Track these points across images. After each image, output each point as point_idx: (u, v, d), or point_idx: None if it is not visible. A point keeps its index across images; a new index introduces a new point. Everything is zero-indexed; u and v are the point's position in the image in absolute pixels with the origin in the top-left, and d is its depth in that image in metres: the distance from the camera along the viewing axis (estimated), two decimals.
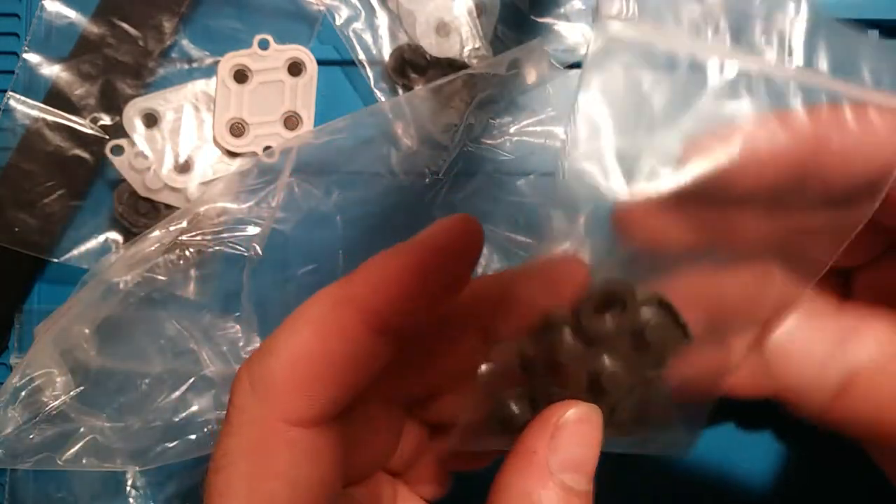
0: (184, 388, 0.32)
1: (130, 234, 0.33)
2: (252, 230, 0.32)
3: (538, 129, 0.33)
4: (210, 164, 0.32)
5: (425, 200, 0.33)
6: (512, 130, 0.33)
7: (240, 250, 0.32)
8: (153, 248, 0.31)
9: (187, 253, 0.31)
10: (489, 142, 0.33)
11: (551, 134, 0.33)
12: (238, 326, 0.32)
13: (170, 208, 0.32)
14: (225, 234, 0.31)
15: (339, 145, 0.32)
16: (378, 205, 0.33)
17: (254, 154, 0.33)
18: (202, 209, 0.31)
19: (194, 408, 0.32)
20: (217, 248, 0.31)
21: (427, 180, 0.33)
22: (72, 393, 0.31)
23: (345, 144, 0.32)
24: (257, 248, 0.32)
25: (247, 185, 0.32)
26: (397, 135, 0.32)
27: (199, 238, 0.31)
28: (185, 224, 0.31)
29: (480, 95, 0.32)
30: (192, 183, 0.32)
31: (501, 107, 0.33)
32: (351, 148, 0.32)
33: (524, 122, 0.33)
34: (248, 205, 0.32)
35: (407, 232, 0.34)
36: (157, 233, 0.31)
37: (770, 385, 0.20)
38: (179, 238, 0.31)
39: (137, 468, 0.32)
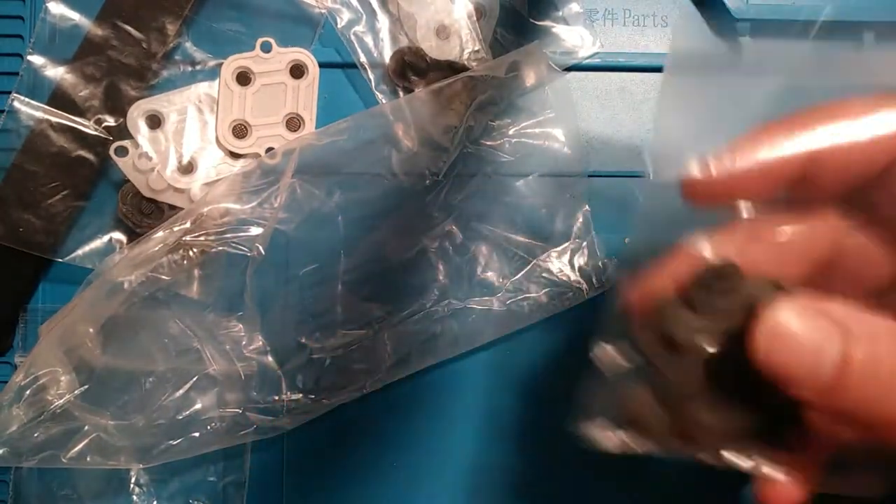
0: (187, 386, 0.32)
1: (134, 235, 0.33)
2: (255, 230, 0.32)
3: (537, 130, 0.34)
4: (213, 165, 0.33)
5: (426, 201, 0.33)
6: (511, 132, 0.34)
7: (243, 250, 0.32)
8: (157, 249, 0.31)
9: (191, 253, 0.31)
10: (489, 143, 0.33)
11: (550, 135, 0.34)
12: (241, 325, 0.32)
13: (173, 209, 0.32)
14: (228, 235, 0.32)
15: (341, 147, 0.32)
16: (379, 205, 0.33)
17: (256, 155, 0.33)
18: (205, 210, 0.31)
19: (197, 406, 0.32)
20: (220, 248, 0.32)
21: (427, 181, 0.33)
22: (76, 392, 0.31)
23: (346, 146, 0.32)
24: (260, 248, 0.32)
25: (250, 185, 0.32)
26: (398, 136, 0.33)
27: (202, 238, 0.31)
28: (188, 224, 0.31)
29: (480, 97, 0.33)
30: (195, 184, 0.32)
31: (501, 109, 0.33)
32: (352, 149, 0.33)
33: (523, 124, 0.34)
34: (250, 205, 0.32)
35: (408, 232, 0.34)
36: (160, 233, 0.31)
37: None
38: (183, 238, 0.31)
39: (141, 466, 0.32)
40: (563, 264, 0.34)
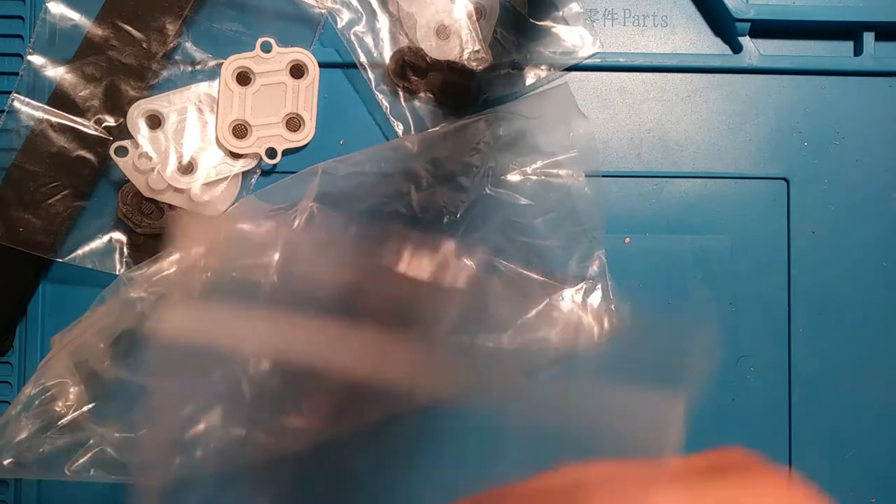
0: (194, 405, 0.32)
1: (134, 235, 0.33)
2: (270, 256, 0.31)
3: (558, 171, 0.33)
4: (213, 165, 0.33)
5: (442, 237, 0.33)
6: (530, 171, 0.33)
7: (256, 278, 0.31)
8: (172, 270, 0.31)
9: (205, 277, 0.31)
10: (510, 180, 0.33)
11: (571, 177, 0.33)
12: (251, 346, 0.32)
13: (173, 209, 0.32)
14: (242, 261, 0.31)
15: (361, 179, 0.32)
16: (395, 240, 0.33)
17: (256, 155, 0.33)
18: (221, 232, 0.31)
19: (202, 425, 0.32)
20: (233, 273, 0.31)
21: (445, 220, 0.33)
22: (85, 407, 0.31)
23: (366, 179, 0.32)
24: (274, 276, 0.31)
25: (268, 208, 0.32)
26: (418, 172, 0.32)
27: (216, 263, 0.31)
28: (202, 249, 0.31)
29: (503, 136, 0.33)
30: (195, 184, 0.32)
31: (523, 148, 0.33)
32: (371, 182, 0.32)
33: (544, 164, 0.33)
34: (266, 228, 0.32)
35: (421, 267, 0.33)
36: (176, 255, 0.31)
37: None
38: (198, 262, 0.31)
39: (143, 482, 0.32)
40: (575, 305, 0.33)
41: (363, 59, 0.33)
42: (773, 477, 0.18)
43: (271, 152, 0.33)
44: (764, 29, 0.35)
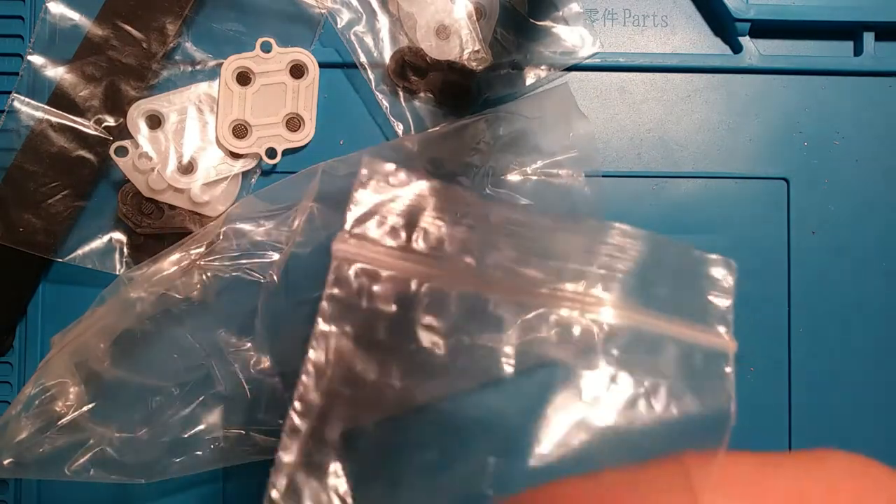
0: (194, 404, 0.32)
1: (134, 235, 0.33)
2: (270, 256, 0.31)
3: (559, 171, 0.33)
4: (213, 166, 0.33)
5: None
6: (530, 171, 0.33)
7: (256, 276, 0.31)
8: (172, 270, 0.31)
9: (205, 277, 0.31)
10: (510, 180, 0.33)
11: (571, 177, 0.33)
12: (251, 346, 0.32)
13: (173, 209, 0.32)
14: (243, 261, 0.31)
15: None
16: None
17: (256, 155, 0.33)
18: (221, 231, 0.31)
19: (202, 425, 0.32)
20: (234, 273, 0.31)
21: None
22: (84, 406, 0.31)
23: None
24: (274, 276, 0.31)
25: (268, 208, 0.32)
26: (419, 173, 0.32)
27: (216, 263, 0.31)
28: (203, 248, 0.31)
29: (503, 136, 0.32)
30: (195, 184, 0.32)
31: (523, 148, 0.33)
32: None
33: (544, 163, 0.33)
34: (265, 227, 0.32)
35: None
36: (176, 255, 0.31)
37: None
38: (198, 262, 0.31)
39: (143, 481, 0.32)
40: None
41: (363, 59, 0.33)
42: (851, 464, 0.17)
43: (271, 152, 0.33)
44: (764, 29, 0.35)
